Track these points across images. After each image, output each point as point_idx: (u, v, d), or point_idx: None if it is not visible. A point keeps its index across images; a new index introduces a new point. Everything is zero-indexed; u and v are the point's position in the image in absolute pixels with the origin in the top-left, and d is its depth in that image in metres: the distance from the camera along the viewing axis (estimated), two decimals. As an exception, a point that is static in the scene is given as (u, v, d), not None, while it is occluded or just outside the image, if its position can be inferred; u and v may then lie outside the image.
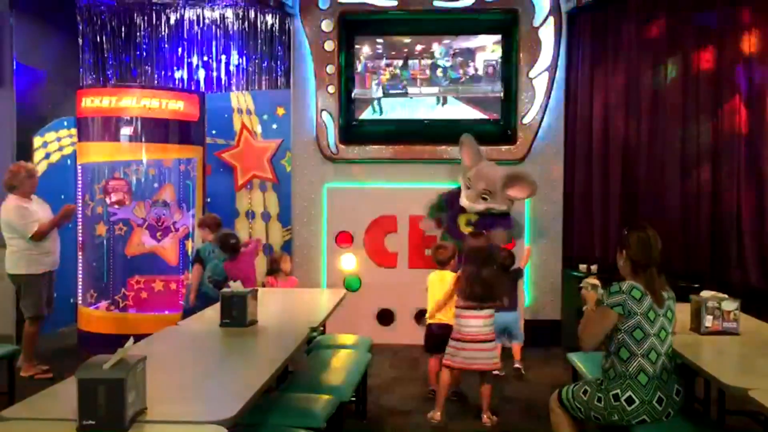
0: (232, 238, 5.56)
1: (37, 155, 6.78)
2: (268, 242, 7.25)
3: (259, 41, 7.92)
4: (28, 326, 5.43)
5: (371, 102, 6.85)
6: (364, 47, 6.84)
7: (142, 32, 8.00)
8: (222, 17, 7.94)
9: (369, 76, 6.83)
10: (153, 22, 7.98)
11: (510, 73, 6.70)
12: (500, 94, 6.74)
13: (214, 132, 7.15)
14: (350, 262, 6.70)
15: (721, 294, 3.59)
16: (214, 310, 3.83)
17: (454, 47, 6.79)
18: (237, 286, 3.76)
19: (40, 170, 6.16)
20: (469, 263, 4.42)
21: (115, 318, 6.20)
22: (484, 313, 4.38)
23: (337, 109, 6.75)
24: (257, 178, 7.29)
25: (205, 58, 7.98)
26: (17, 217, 5.31)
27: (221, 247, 5.43)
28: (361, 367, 4.12)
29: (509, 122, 6.72)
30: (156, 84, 7.84)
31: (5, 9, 6.58)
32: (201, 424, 2.13)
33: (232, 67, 7.98)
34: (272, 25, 7.88)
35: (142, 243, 6.22)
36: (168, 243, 6.29)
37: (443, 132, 6.60)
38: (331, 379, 3.74)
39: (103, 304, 6.24)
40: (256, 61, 7.95)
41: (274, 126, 7.29)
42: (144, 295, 6.23)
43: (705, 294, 3.60)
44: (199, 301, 5.12)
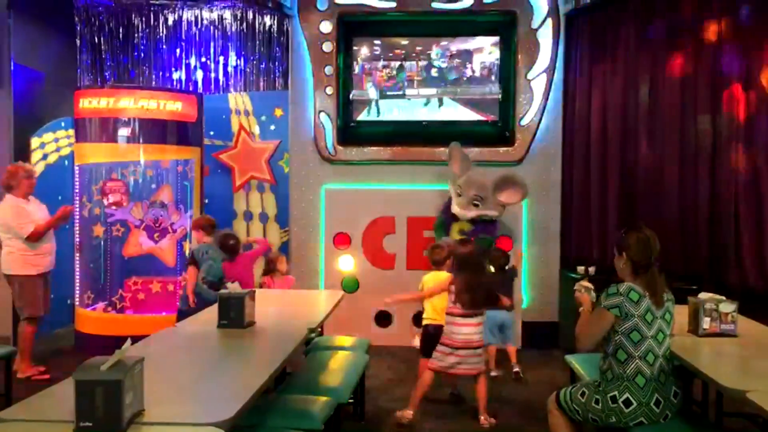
0: (231, 238, 5.55)
1: (35, 156, 6.77)
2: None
3: (257, 42, 7.92)
4: (24, 327, 5.42)
5: (368, 103, 6.85)
6: (362, 48, 6.84)
7: (140, 33, 8.00)
8: (220, 18, 7.94)
9: (365, 77, 6.84)
10: (151, 23, 7.97)
11: (508, 74, 6.70)
12: (498, 96, 6.75)
13: (212, 133, 7.15)
14: (348, 264, 6.70)
15: (719, 296, 3.59)
16: (212, 312, 3.82)
17: (453, 49, 6.79)
18: (235, 288, 3.74)
19: (37, 171, 6.14)
20: (464, 271, 4.39)
21: (112, 319, 6.18)
22: (476, 320, 4.37)
23: (335, 110, 6.75)
24: (255, 179, 7.29)
25: (203, 59, 7.98)
26: (13, 218, 5.31)
27: (220, 247, 5.42)
28: (359, 368, 4.11)
29: (507, 124, 6.73)
30: (154, 85, 7.84)
31: (3, 10, 6.57)
32: (199, 426, 2.12)
33: (230, 68, 7.98)
34: (270, 26, 7.89)
35: (139, 244, 6.21)
36: (165, 244, 6.27)
37: (441, 134, 6.60)
38: (329, 380, 3.74)
39: (101, 305, 6.22)
40: (254, 62, 7.95)
41: (272, 127, 7.29)
42: (141, 296, 6.22)
43: (703, 296, 3.59)
44: (195, 304, 5.11)
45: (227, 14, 7.92)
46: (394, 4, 6.65)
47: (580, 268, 6.44)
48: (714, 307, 3.50)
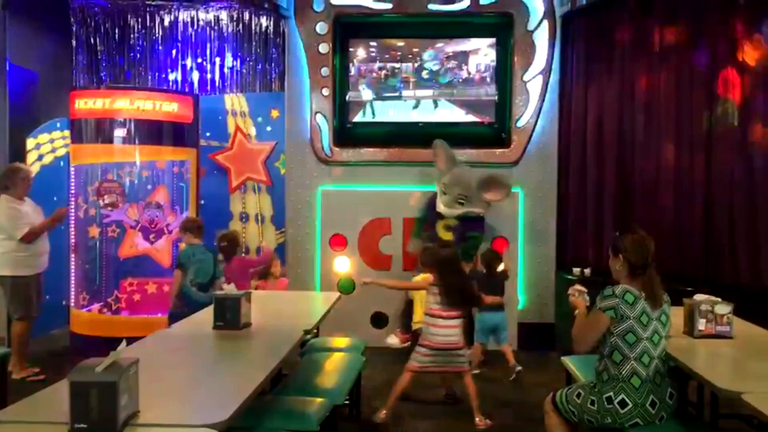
0: (224, 240, 5.65)
1: (30, 157, 6.75)
2: (261, 245, 7.24)
3: (254, 43, 7.91)
4: (17, 327, 5.39)
5: (364, 105, 6.85)
6: (359, 50, 6.84)
7: (135, 34, 7.97)
8: (216, 19, 7.93)
9: (360, 78, 6.84)
10: (147, 24, 7.95)
11: (504, 76, 6.71)
12: (494, 98, 6.75)
13: (208, 134, 7.14)
14: (344, 265, 6.70)
15: (714, 297, 3.59)
16: (207, 313, 3.82)
17: (448, 51, 6.80)
18: (231, 289, 3.74)
19: (33, 172, 6.12)
20: (443, 272, 4.36)
21: (107, 320, 6.16)
22: (455, 322, 4.35)
23: (331, 111, 6.75)
24: (251, 180, 7.28)
25: (200, 60, 7.96)
26: (7, 218, 5.29)
27: (216, 248, 5.43)
28: (355, 370, 4.11)
29: (503, 125, 6.73)
30: (150, 86, 7.82)
31: (-2, 10, 6.56)
32: (194, 428, 2.12)
33: (226, 69, 7.97)
34: (267, 27, 7.88)
35: (135, 245, 6.19)
36: (161, 245, 6.26)
37: (437, 135, 6.59)
38: (324, 382, 3.74)
39: (96, 306, 6.21)
40: (251, 63, 7.94)
41: (269, 128, 7.28)
42: (137, 297, 6.20)
43: (698, 297, 3.60)
44: (185, 306, 5.02)
45: (223, 15, 7.91)
46: (390, 6, 6.66)
47: (576, 270, 6.46)
48: (709, 308, 3.51)
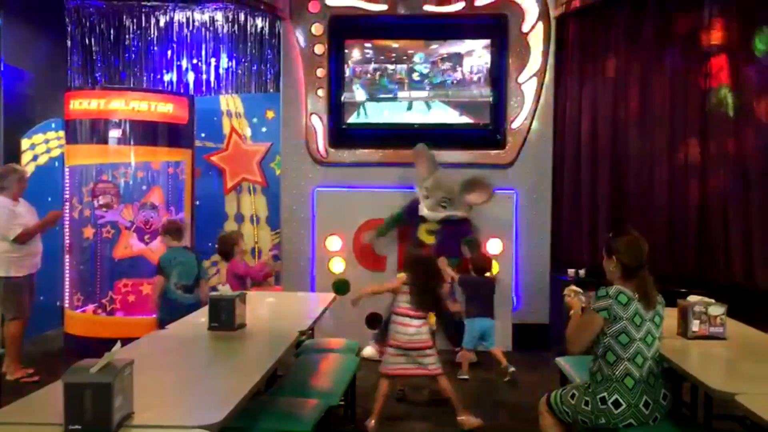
0: (218, 242, 5.70)
1: (25, 157, 6.74)
2: (256, 246, 7.24)
3: (249, 44, 7.91)
4: (10, 328, 5.37)
5: (358, 106, 6.86)
6: (354, 51, 6.84)
7: (131, 34, 7.97)
8: (212, 20, 7.93)
9: (355, 79, 6.84)
10: (142, 25, 7.95)
11: (499, 78, 6.72)
12: (489, 99, 6.76)
13: (204, 135, 7.13)
14: (339, 266, 6.69)
15: (707, 298, 3.60)
16: (202, 314, 3.81)
17: (443, 52, 6.80)
18: (226, 290, 3.73)
19: (28, 172, 6.11)
20: (418, 273, 4.31)
21: (102, 321, 6.15)
22: (419, 322, 4.28)
23: (326, 112, 6.75)
24: (246, 181, 7.28)
25: (195, 60, 7.97)
26: (2, 219, 5.27)
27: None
28: (350, 371, 4.11)
29: (498, 127, 6.74)
30: (145, 86, 7.81)
31: (-7, 10, 6.55)
32: (188, 429, 2.11)
33: (221, 70, 7.97)
34: (262, 28, 7.88)
35: (129, 246, 6.18)
36: (156, 246, 6.24)
37: (432, 137, 6.60)
38: (319, 383, 3.74)
39: (90, 307, 6.19)
40: (246, 64, 7.94)
41: (264, 129, 7.28)
42: (131, 298, 6.19)
43: (692, 298, 3.60)
44: (172, 310, 4.85)
45: (219, 16, 7.92)
46: (385, 7, 6.66)
47: (571, 271, 6.47)
48: (703, 309, 3.52)
